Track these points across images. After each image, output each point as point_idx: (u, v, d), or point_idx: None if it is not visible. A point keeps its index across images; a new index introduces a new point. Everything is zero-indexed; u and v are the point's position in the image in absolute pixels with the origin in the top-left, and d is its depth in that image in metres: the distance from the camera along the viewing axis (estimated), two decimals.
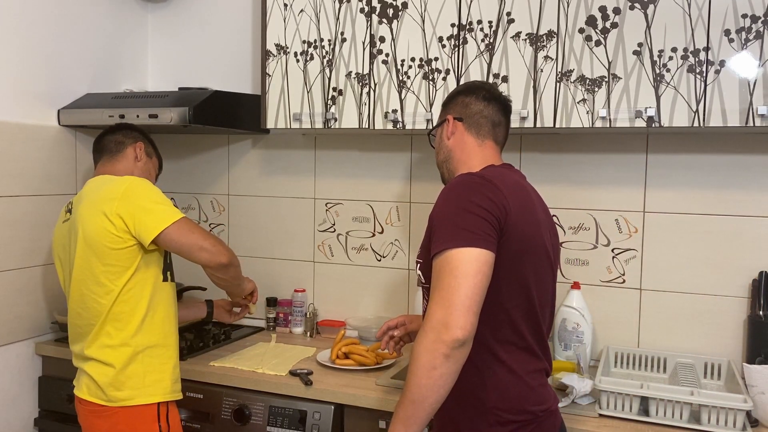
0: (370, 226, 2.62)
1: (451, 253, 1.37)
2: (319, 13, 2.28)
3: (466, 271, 1.35)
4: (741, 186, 2.12)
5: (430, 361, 1.33)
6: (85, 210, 1.85)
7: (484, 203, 1.41)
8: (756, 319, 2.05)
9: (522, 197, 1.52)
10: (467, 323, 1.33)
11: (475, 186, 1.45)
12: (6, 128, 2.31)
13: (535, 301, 1.52)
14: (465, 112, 1.68)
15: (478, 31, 2.07)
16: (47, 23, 2.44)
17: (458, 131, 1.67)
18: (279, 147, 2.74)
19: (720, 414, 1.71)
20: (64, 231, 1.95)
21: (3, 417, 2.34)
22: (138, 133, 2.09)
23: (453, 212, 1.42)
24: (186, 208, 2.92)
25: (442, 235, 1.40)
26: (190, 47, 2.85)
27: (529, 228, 1.49)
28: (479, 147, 1.65)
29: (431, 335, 1.33)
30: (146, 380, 1.85)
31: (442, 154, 1.71)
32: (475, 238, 1.37)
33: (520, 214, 1.46)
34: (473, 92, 1.69)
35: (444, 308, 1.33)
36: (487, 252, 1.37)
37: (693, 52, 1.85)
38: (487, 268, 1.38)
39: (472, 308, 1.34)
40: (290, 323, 2.69)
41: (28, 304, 2.41)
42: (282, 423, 2.04)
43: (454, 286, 1.34)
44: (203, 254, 1.81)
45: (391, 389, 2.00)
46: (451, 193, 1.47)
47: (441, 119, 1.72)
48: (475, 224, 1.38)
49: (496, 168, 1.59)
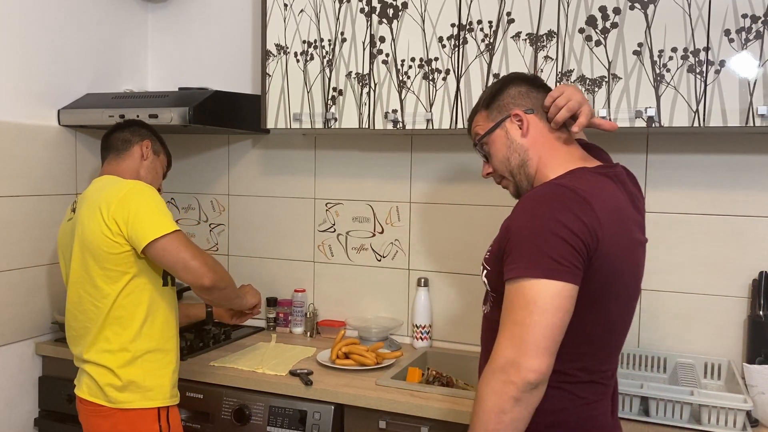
0: (370, 226, 2.62)
1: (529, 284, 1.20)
2: (319, 13, 2.28)
3: (544, 307, 1.18)
4: (741, 186, 2.12)
5: (499, 405, 1.19)
6: (86, 211, 1.84)
7: (574, 226, 1.21)
8: (756, 319, 2.05)
9: (617, 217, 1.30)
10: (542, 365, 1.17)
11: (565, 202, 1.24)
12: (6, 128, 2.31)
13: (615, 334, 1.36)
14: (529, 101, 1.43)
15: (478, 31, 2.07)
16: (47, 23, 2.43)
17: (533, 126, 1.42)
18: (279, 147, 2.74)
19: (720, 414, 1.71)
20: (68, 230, 1.95)
21: (3, 417, 2.34)
22: (146, 130, 2.06)
23: (536, 231, 1.23)
24: (186, 208, 2.93)
25: (521, 259, 1.23)
26: (190, 47, 2.85)
27: (620, 256, 1.29)
28: (559, 141, 1.42)
29: (500, 376, 1.19)
30: (146, 385, 1.84)
31: (516, 158, 1.43)
32: (560, 269, 1.19)
33: (611, 243, 1.26)
34: (522, 81, 1.46)
35: (515, 347, 1.18)
36: (571, 286, 1.20)
37: (693, 52, 1.85)
38: (570, 305, 1.20)
39: (549, 349, 1.18)
40: (290, 323, 2.69)
41: (28, 304, 2.41)
42: (282, 423, 2.04)
43: (530, 324, 1.18)
44: (187, 274, 1.77)
45: (391, 389, 2.00)
46: (536, 207, 1.27)
47: (498, 118, 1.45)
48: (561, 251, 1.20)
49: (589, 174, 1.35)
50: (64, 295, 2.46)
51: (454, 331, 2.49)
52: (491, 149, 1.48)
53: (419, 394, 1.96)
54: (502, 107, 1.45)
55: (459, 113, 2.10)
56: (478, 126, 1.51)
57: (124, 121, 2.10)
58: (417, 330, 2.47)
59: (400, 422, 1.92)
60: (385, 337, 2.43)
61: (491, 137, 1.47)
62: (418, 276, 2.52)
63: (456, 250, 2.48)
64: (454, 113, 2.11)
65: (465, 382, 2.25)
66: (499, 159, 1.46)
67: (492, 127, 1.46)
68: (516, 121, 1.43)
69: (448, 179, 2.48)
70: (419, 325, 2.47)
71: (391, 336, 2.50)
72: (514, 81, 1.46)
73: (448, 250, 2.49)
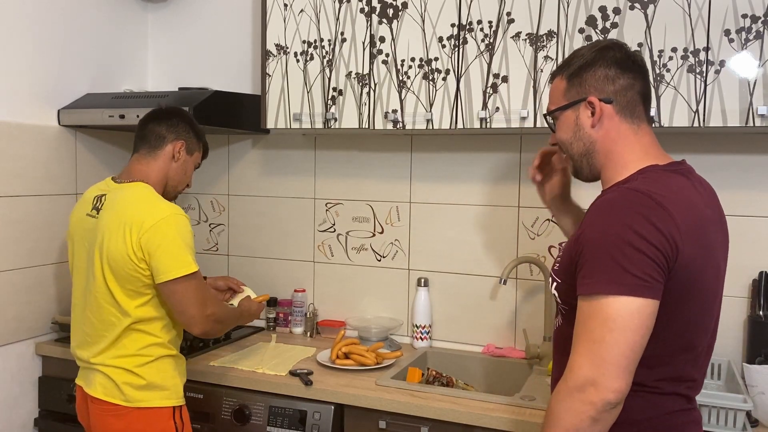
0: (370, 226, 2.62)
1: (608, 301, 1.14)
2: (319, 13, 2.28)
3: (625, 326, 1.13)
4: (741, 186, 2.12)
5: (575, 425, 1.16)
6: (112, 223, 1.79)
7: (654, 238, 1.15)
8: (756, 319, 2.05)
9: (695, 219, 1.23)
10: (621, 385, 1.13)
11: (643, 211, 1.18)
12: (6, 128, 2.31)
13: (696, 341, 1.29)
14: (612, 89, 1.32)
15: (478, 31, 2.07)
16: (47, 23, 2.43)
17: (607, 117, 1.33)
18: (279, 147, 2.74)
19: (720, 414, 1.71)
20: (88, 227, 1.87)
21: (3, 417, 2.34)
22: (184, 125, 1.97)
23: (613, 244, 1.17)
24: (186, 208, 2.92)
25: (596, 273, 1.17)
26: (190, 47, 2.85)
27: (699, 259, 1.23)
28: (635, 135, 1.33)
29: (577, 396, 1.15)
30: (163, 384, 1.85)
31: (580, 146, 1.37)
32: (640, 285, 1.14)
33: (691, 248, 1.20)
34: (612, 60, 1.33)
35: (594, 366, 1.14)
36: (652, 302, 1.15)
37: (693, 52, 1.85)
38: (651, 321, 1.16)
39: (628, 368, 1.14)
40: (290, 323, 2.69)
41: (29, 304, 2.40)
42: (282, 423, 2.04)
43: (609, 342, 1.13)
44: (180, 317, 1.81)
45: (391, 389, 2.00)
46: (609, 215, 1.21)
47: (574, 98, 1.36)
48: (641, 266, 1.14)
49: (662, 174, 1.28)
50: (65, 295, 2.46)
51: (454, 331, 2.49)
52: (558, 125, 1.41)
53: (419, 394, 1.96)
54: (581, 87, 1.35)
55: (459, 113, 2.10)
56: (553, 95, 1.42)
57: (165, 109, 1.99)
58: (417, 330, 2.47)
59: (400, 422, 1.92)
60: (385, 337, 2.43)
61: (561, 115, 1.39)
62: (418, 276, 2.52)
63: (456, 250, 2.48)
64: (454, 113, 2.11)
65: (465, 382, 2.25)
66: (563, 139, 1.40)
67: (564, 105, 1.38)
68: (590, 107, 1.34)
69: (448, 179, 2.48)
70: (419, 325, 2.47)
71: (391, 336, 2.50)
72: (605, 60, 1.33)
73: (448, 250, 2.49)
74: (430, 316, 2.48)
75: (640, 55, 1.43)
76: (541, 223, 2.35)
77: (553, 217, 2.33)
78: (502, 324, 2.42)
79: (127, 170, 1.94)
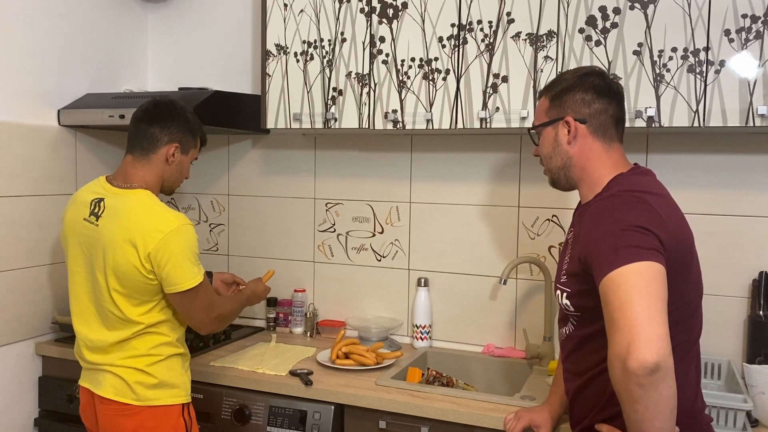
0: (370, 226, 2.62)
1: (617, 272, 1.25)
2: (319, 13, 2.28)
3: (636, 284, 1.23)
4: (741, 186, 2.12)
5: (629, 396, 1.21)
6: (119, 236, 1.77)
7: (648, 222, 1.31)
8: (756, 319, 2.05)
9: (668, 204, 1.43)
10: (652, 338, 1.17)
11: (632, 205, 1.36)
12: (6, 128, 2.31)
13: (698, 311, 1.49)
14: (587, 111, 1.50)
15: (478, 31, 2.07)
16: (47, 24, 2.43)
17: (581, 136, 1.51)
18: (279, 147, 2.74)
19: (720, 414, 1.71)
20: (87, 232, 1.83)
21: (3, 417, 2.34)
22: (177, 125, 1.89)
23: (617, 231, 1.31)
24: (186, 208, 2.92)
25: (602, 259, 1.30)
26: (190, 47, 2.85)
27: (686, 242, 1.42)
28: (607, 153, 1.51)
29: (617, 364, 1.21)
30: (173, 382, 1.86)
31: (558, 160, 1.54)
32: (648, 252, 1.27)
33: (672, 225, 1.37)
34: (590, 86, 1.50)
35: (624, 330, 1.20)
36: (657, 264, 1.26)
37: (693, 52, 1.85)
38: (661, 278, 1.25)
39: (654, 318, 1.19)
40: (290, 323, 2.69)
41: (28, 304, 2.40)
42: (282, 423, 2.04)
43: (626, 301, 1.21)
44: (188, 321, 1.88)
45: (391, 389, 2.00)
46: (607, 215, 1.37)
47: (553, 116, 1.54)
48: (638, 240, 1.28)
49: (631, 177, 1.48)
50: (65, 295, 2.46)
51: (454, 331, 2.49)
52: (540, 140, 1.59)
53: (419, 394, 1.96)
54: (561, 108, 1.53)
55: (459, 113, 2.10)
56: (537, 113, 1.61)
57: (158, 106, 1.90)
58: (417, 330, 2.47)
59: (400, 422, 1.93)
60: (385, 337, 2.43)
61: (543, 131, 1.57)
62: (418, 276, 2.52)
63: (456, 250, 2.48)
64: (454, 113, 2.11)
65: (465, 382, 2.25)
66: (544, 153, 1.58)
67: (545, 122, 1.56)
68: (566, 126, 1.51)
69: (448, 179, 2.48)
70: (419, 325, 2.46)
71: (391, 336, 2.50)
72: (585, 85, 1.51)
73: (448, 250, 2.49)
74: (430, 316, 2.48)
75: (617, 83, 1.56)
76: (541, 223, 2.35)
77: (553, 217, 2.34)
78: (502, 324, 2.42)
79: (123, 173, 1.88)
